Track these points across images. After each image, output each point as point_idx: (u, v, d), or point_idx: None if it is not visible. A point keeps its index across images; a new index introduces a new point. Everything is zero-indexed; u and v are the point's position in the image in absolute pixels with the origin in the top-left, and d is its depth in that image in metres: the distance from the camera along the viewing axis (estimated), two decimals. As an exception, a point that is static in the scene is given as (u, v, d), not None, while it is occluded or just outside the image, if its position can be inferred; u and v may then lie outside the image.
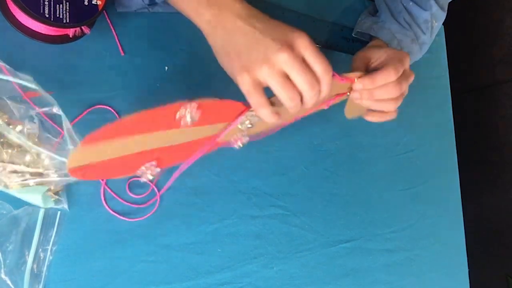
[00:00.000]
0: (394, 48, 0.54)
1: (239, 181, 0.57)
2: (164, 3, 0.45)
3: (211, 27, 0.41)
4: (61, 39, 0.46)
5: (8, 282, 0.43)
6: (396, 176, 0.72)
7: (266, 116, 0.40)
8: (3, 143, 0.42)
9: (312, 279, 0.61)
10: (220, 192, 0.56)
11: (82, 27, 0.44)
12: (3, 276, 0.42)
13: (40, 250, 0.45)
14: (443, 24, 0.69)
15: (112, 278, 0.48)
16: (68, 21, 0.42)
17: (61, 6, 0.41)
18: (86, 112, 0.48)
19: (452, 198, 0.79)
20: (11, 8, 0.43)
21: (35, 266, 0.44)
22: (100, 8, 0.44)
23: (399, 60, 0.50)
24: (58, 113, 0.43)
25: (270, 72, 0.38)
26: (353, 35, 0.69)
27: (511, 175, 1.27)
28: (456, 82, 0.85)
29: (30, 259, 0.44)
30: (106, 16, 0.50)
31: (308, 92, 0.39)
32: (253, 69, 0.38)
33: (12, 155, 0.42)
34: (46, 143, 0.44)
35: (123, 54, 0.51)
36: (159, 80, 0.53)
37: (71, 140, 0.42)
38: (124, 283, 0.49)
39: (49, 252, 0.45)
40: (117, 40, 0.51)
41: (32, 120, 0.43)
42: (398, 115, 0.55)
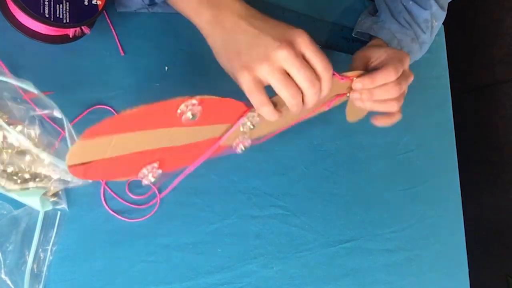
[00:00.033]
0: (394, 48, 0.54)
1: (239, 181, 0.57)
2: (164, 3, 0.45)
3: (210, 27, 0.41)
4: (61, 39, 0.46)
5: (8, 282, 0.43)
6: (396, 176, 0.72)
7: (267, 115, 0.40)
8: (3, 143, 0.42)
9: (312, 279, 0.61)
10: (220, 192, 0.56)
11: (82, 27, 0.44)
12: (3, 276, 0.42)
13: (40, 250, 0.45)
14: (443, 23, 0.69)
15: (112, 278, 0.48)
16: (68, 21, 0.42)
17: (61, 6, 0.41)
18: (86, 112, 0.48)
19: (452, 198, 0.79)
20: (11, 8, 0.43)
21: (35, 266, 0.44)
22: (100, 8, 0.44)
23: (399, 60, 0.50)
24: (59, 116, 0.43)
25: (271, 69, 0.38)
26: (353, 35, 0.69)
27: (511, 175, 1.27)
28: (456, 82, 0.85)
29: (30, 259, 0.44)
30: (106, 16, 0.50)
31: (309, 90, 0.39)
32: (253, 67, 0.38)
33: (12, 155, 0.42)
34: (46, 144, 0.44)
35: (123, 54, 0.51)
36: (159, 80, 0.53)
37: (71, 141, 0.42)
38: (124, 283, 0.49)
39: (49, 252, 0.45)
40: (117, 40, 0.51)
41: (32, 121, 0.43)
42: (398, 115, 0.55)
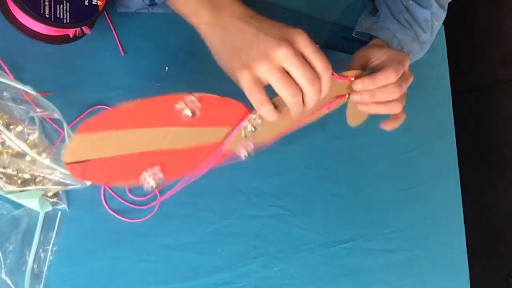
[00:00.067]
0: (394, 49, 0.54)
1: (239, 181, 0.57)
2: (164, 4, 0.45)
3: (210, 27, 0.41)
4: (61, 39, 0.46)
5: (9, 282, 0.43)
6: (396, 176, 0.72)
7: (267, 115, 0.40)
8: (4, 143, 0.42)
9: (312, 279, 0.61)
10: (220, 192, 0.56)
11: (83, 27, 0.44)
12: (3, 276, 0.42)
13: (41, 250, 0.45)
14: (443, 24, 0.69)
15: (112, 278, 0.48)
16: (68, 21, 0.42)
17: (61, 6, 0.41)
18: (86, 112, 0.48)
19: (452, 198, 0.79)
20: (11, 8, 0.43)
21: (36, 266, 0.44)
22: (100, 8, 0.44)
23: (399, 61, 0.50)
24: (59, 118, 0.43)
25: (270, 68, 0.38)
26: (353, 35, 0.69)
27: (511, 175, 1.27)
28: (456, 82, 0.85)
29: (31, 259, 0.44)
30: (107, 16, 0.50)
31: (309, 89, 0.39)
32: (253, 66, 0.38)
33: (13, 156, 0.42)
34: (46, 145, 0.44)
35: (123, 54, 0.51)
36: (159, 80, 0.53)
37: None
38: (124, 283, 0.49)
39: (49, 252, 0.45)
40: (117, 40, 0.51)
41: (32, 121, 0.43)
42: (398, 115, 0.55)
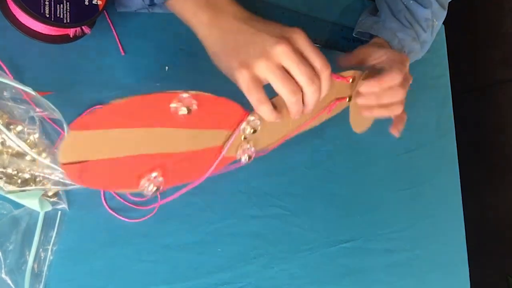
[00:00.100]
0: (394, 50, 0.54)
1: (239, 181, 0.57)
2: (163, 5, 0.45)
3: (208, 29, 0.41)
4: (61, 39, 0.45)
5: (9, 282, 0.43)
6: (396, 176, 0.72)
7: (266, 114, 0.40)
8: (4, 143, 0.42)
9: (312, 279, 0.61)
10: (220, 192, 0.56)
11: (83, 27, 0.44)
12: (3, 275, 0.42)
13: (41, 250, 0.45)
14: (443, 23, 0.69)
15: (113, 278, 0.48)
16: (68, 21, 0.42)
17: (61, 6, 0.41)
18: (86, 112, 0.48)
19: (452, 198, 0.79)
20: (11, 8, 0.43)
21: (36, 265, 0.44)
22: (100, 8, 0.44)
23: (401, 62, 0.50)
24: (59, 118, 0.43)
25: (269, 65, 0.37)
26: (353, 35, 0.69)
27: (511, 175, 1.27)
28: (456, 82, 0.85)
29: (31, 258, 0.44)
30: (107, 16, 0.50)
31: (308, 88, 0.39)
32: (251, 64, 0.38)
33: (13, 155, 0.42)
34: (46, 144, 0.44)
35: (123, 54, 0.51)
36: (159, 80, 0.53)
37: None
38: (125, 283, 0.49)
39: (49, 252, 0.45)
40: (117, 40, 0.51)
41: (32, 121, 0.43)
42: (398, 115, 0.55)
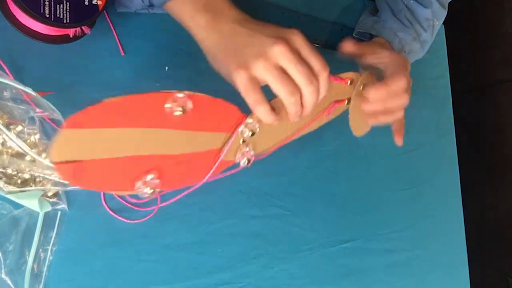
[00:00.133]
0: (396, 52, 0.54)
1: (239, 181, 0.57)
2: (162, 8, 0.45)
3: (206, 32, 0.41)
4: (61, 39, 0.45)
5: (9, 282, 0.43)
6: (396, 176, 0.72)
7: (264, 115, 0.39)
8: (4, 144, 0.42)
9: (312, 279, 0.61)
10: (220, 192, 0.56)
11: (83, 27, 0.44)
12: (3, 276, 0.42)
13: (41, 250, 0.45)
14: (443, 23, 0.69)
15: (112, 278, 0.48)
16: (68, 21, 0.42)
17: (61, 6, 0.41)
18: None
19: (452, 198, 0.79)
20: (11, 8, 0.43)
21: (36, 266, 0.44)
22: (100, 8, 0.44)
23: (404, 66, 0.51)
24: (59, 119, 0.43)
25: (266, 66, 0.37)
26: (354, 35, 0.69)
27: (511, 175, 1.27)
28: (456, 82, 0.85)
29: (31, 259, 0.44)
30: (107, 16, 0.50)
31: (307, 88, 0.38)
32: (249, 65, 0.38)
33: (13, 155, 0.42)
34: (46, 144, 0.44)
35: (123, 54, 0.51)
36: (159, 80, 0.53)
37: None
38: (124, 283, 0.49)
39: (49, 252, 0.45)
40: (117, 40, 0.51)
41: (32, 121, 0.43)
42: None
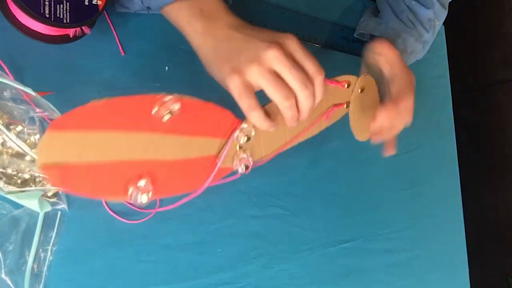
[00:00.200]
0: (403, 62, 0.55)
1: (239, 181, 0.57)
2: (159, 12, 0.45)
3: (202, 37, 0.41)
4: (61, 39, 0.45)
5: (9, 282, 0.43)
6: (396, 176, 0.72)
7: (257, 121, 0.39)
8: (4, 144, 0.42)
9: (312, 279, 0.61)
10: (220, 192, 0.56)
11: (83, 27, 0.44)
12: (3, 276, 0.42)
13: (41, 250, 0.45)
14: (444, 23, 0.69)
15: (112, 278, 0.48)
16: (68, 21, 0.42)
17: (61, 6, 0.41)
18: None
19: (452, 198, 0.79)
20: (11, 8, 0.43)
21: (36, 266, 0.44)
22: (100, 8, 0.44)
23: (412, 83, 0.52)
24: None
25: (261, 70, 0.37)
26: (355, 35, 0.69)
27: (511, 175, 1.27)
28: (456, 82, 0.85)
29: (31, 259, 0.44)
30: (107, 16, 0.50)
31: (302, 93, 0.38)
32: (243, 70, 0.37)
33: (13, 155, 0.42)
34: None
35: (123, 54, 0.51)
36: (159, 80, 0.53)
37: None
38: (124, 283, 0.49)
39: (49, 252, 0.45)
40: (117, 40, 0.51)
41: (32, 121, 0.43)
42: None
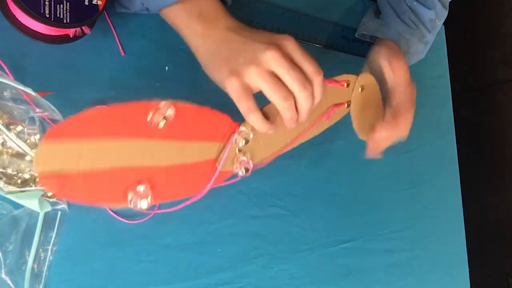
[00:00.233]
0: (408, 74, 0.55)
1: (239, 181, 0.57)
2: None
3: (200, 39, 0.41)
4: (61, 39, 0.45)
5: (9, 282, 0.43)
6: (396, 176, 0.72)
7: (256, 123, 0.39)
8: (4, 144, 0.42)
9: (312, 279, 0.61)
10: (220, 192, 0.56)
11: (83, 27, 0.44)
12: (3, 276, 0.42)
13: (41, 250, 0.45)
14: (444, 23, 0.69)
15: (112, 278, 0.48)
16: (68, 21, 0.42)
17: (61, 6, 0.41)
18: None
19: (452, 198, 0.79)
20: (11, 8, 0.43)
21: (36, 266, 0.44)
22: (100, 8, 0.44)
23: (413, 98, 0.54)
24: (60, 119, 0.43)
25: (259, 72, 0.37)
26: (356, 35, 0.69)
27: (511, 175, 1.27)
28: (456, 82, 0.85)
29: (31, 259, 0.44)
30: (107, 16, 0.50)
31: (300, 93, 0.38)
32: (241, 72, 0.37)
33: (13, 155, 0.42)
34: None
35: (123, 54, 0.51)
36: (159, 80, 0.53)
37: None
38: (124, 283, 0.49)
39: (49, 252, 0.45)
40: (117, 40, 0.51)
41: (32, 121, 0.43)
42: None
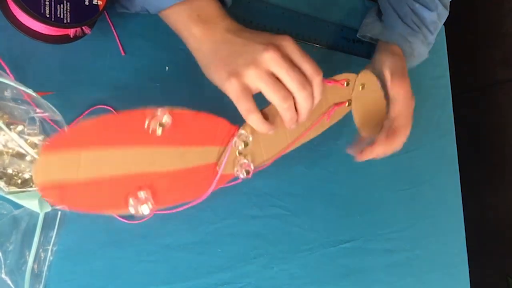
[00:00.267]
0: (410, 94, 0.57)
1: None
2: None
3: (199, 41, 0.41)
4: (61, 39, 0.45)
5: (9, 282, 0.43)
6: (396, 176, 0.72)
7: (256, 124, 0.39)
8: (6, 144, 0.42)
9: (312, 279, 0.61)
10: (220, 192, 0.56)
11: (83, 27, 0.44)
12: (3, 276, 0.42)
13: (41, 250, 0.45)
14: (444, 23, 0.69)
15: (112, 278, 0.48)
16: (68, 21, 0.42)
17: (61, 6, 0.41)
18: (87, 112, 0.48)
19: (452, 198, 0.79)
20: (11, 8, 0.43)
21: (36, 266, 0.44)
22: (101, 8, 0.44)
23: (411, 109, 0.56)
24: (60, 119, 0.43)
25: (258, 73, 0.37)
26: (357, 36, 0.69)
27: (511, 175, 1.27)
28: (456, 82, 0.85)
29: (31, 259, 0.44)
30: (107, 16, 0.50)
31: (300, 94, 0.38)
32: (240, 73, 0.38)
33: (14, 155, 0.42)
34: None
35: (123, 54, 0.51)
36: (159, 80, 0.53)
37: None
38: (124, 283, 0.49)
39: (49, 252, 0.45)
40: (117, 40, 0.51)
41: (32, 121, 0.43)
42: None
